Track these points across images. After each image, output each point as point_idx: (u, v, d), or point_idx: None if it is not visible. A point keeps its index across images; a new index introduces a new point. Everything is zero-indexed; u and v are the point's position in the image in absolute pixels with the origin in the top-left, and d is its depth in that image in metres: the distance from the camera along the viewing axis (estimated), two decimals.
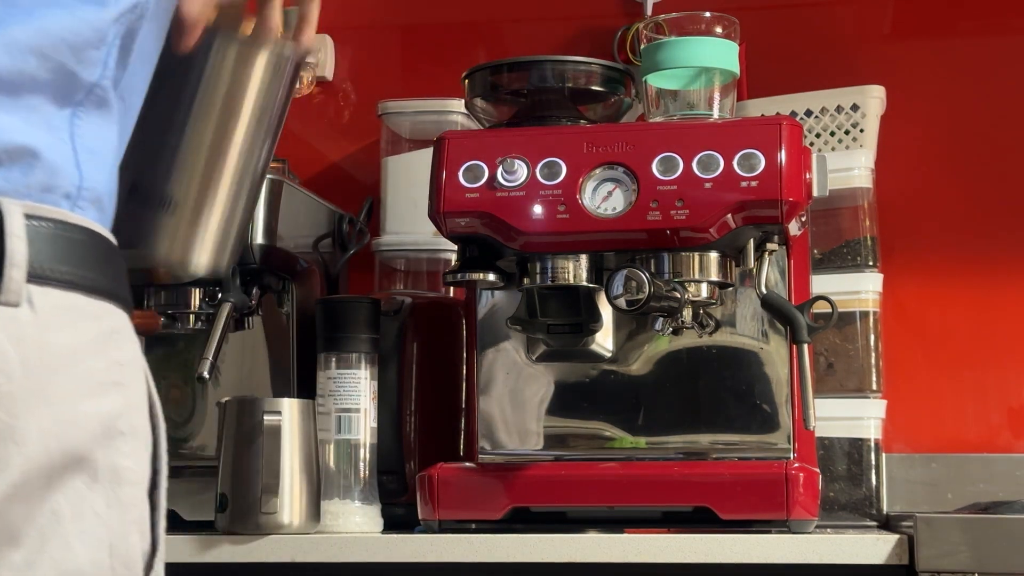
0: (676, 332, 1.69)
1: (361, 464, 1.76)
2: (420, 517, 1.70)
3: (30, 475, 0.92)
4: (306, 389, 1.86)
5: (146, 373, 1.03)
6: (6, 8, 0.95)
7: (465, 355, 1.82)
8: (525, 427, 1.76)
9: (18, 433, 0.91)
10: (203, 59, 1.40)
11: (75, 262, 0.96)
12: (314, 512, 1.68)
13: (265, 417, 1.65)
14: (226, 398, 1.73)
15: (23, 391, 0.91)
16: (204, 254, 1.40)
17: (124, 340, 1.00)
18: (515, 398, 1.77)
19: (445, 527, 1.68)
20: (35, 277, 0.93)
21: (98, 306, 0.98)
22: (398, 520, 1.80)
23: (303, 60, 1.48)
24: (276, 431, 1.65)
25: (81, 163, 0.98)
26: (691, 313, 1.66)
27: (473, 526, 1.68)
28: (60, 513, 0.93)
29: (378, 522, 1.76)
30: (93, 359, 0.96)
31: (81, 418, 0.95)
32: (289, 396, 1.90)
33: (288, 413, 1.67)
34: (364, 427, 1.76)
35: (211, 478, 1.73)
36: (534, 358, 1.76)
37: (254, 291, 1.88)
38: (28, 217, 0.93)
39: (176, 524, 1.77)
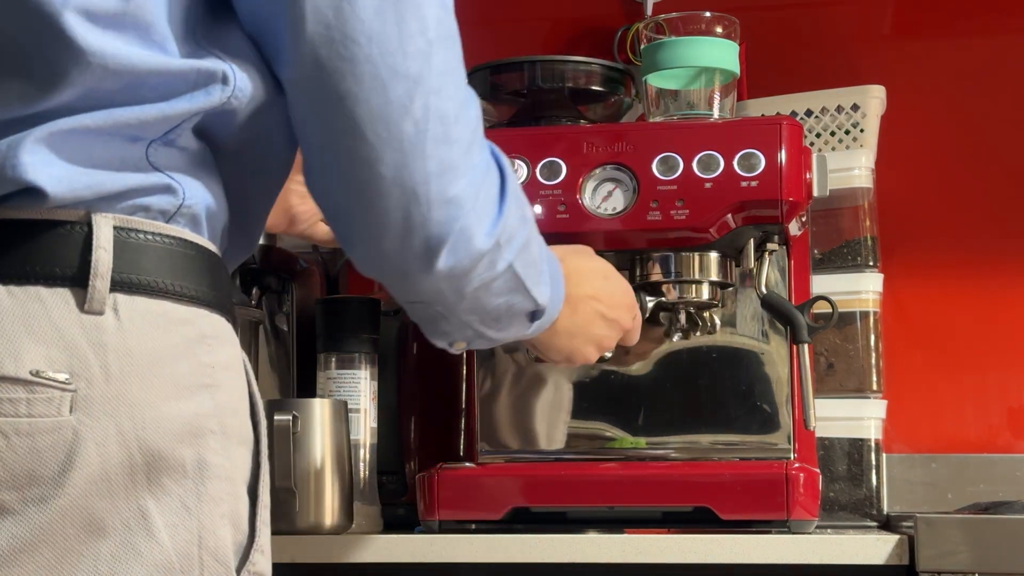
0: (676, 332, 1.69)
1: (361, 464, 1.75)
2: (420, 517, 1.70)
3: (111, 472, 0.98)
4: (306, 389, 1.86)
5: (247, 375, 1.10)
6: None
7: (465, 355, 1.82)
8: (525, 427, 1.76)
9: (98, 433, 0.98)
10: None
11: (165, 271, 1.02)
12: (346, 512, 1.68)
13: (275, 417, 1.64)
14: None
15: (103, 395, 0.98)
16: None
17: (218, 344, 1.05)
18: (515, 398, 1.77)
19: (445, 527, 1.68)
20: (122, 286, 0.99)
21: (189, 312, 1.03)
22: (398, 520, 1.80)
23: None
24: (286, 431, 1.64)
25: (174, 184, 1.03)
26: (691, 313, 1.66)
27: (473, 526, 1.68)
28: (146, 508, 1.00)
29: (378, 522, 1.76)
30: (177, 363, 1.01)
31: (163, 419, 1.00)
32: (289, 396, 1.90)
33: (317, 413, 1.66)
34: (364, 427, 1.76)
35: None
36: (534, 358, 1.75)
37: (254, 291, 1.87)
38: (118, 230, 1.00)
39: None
